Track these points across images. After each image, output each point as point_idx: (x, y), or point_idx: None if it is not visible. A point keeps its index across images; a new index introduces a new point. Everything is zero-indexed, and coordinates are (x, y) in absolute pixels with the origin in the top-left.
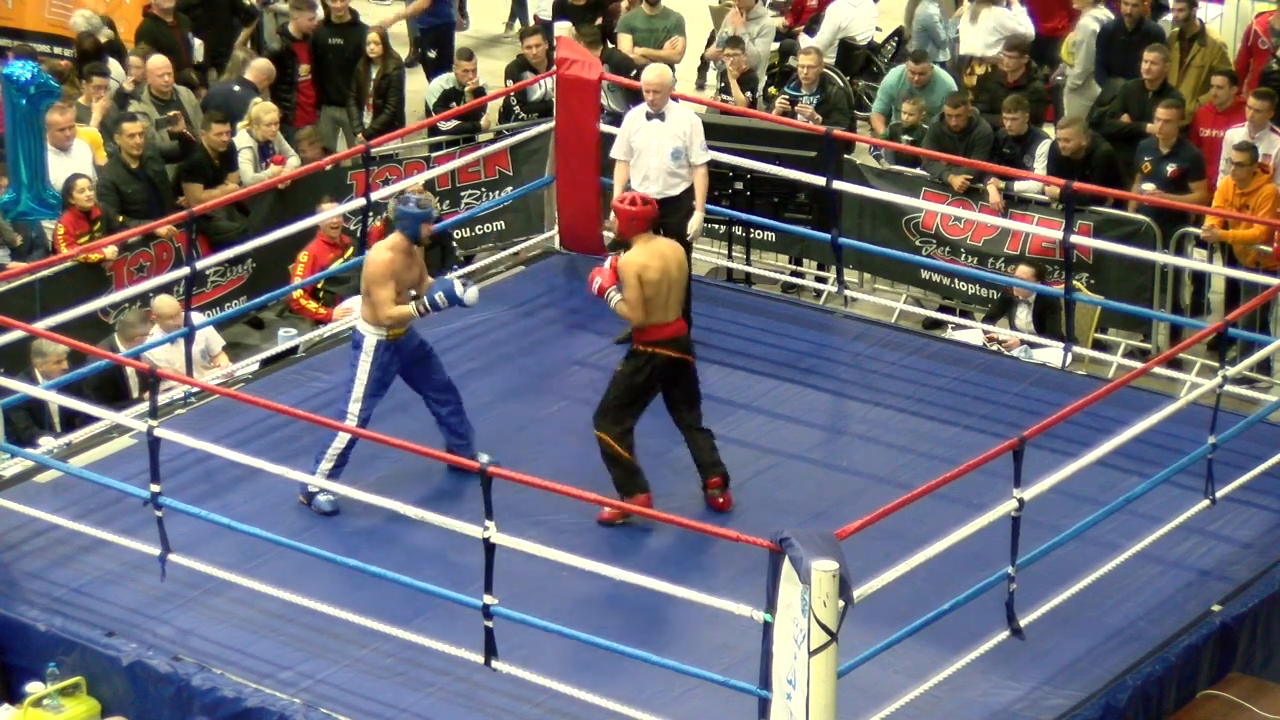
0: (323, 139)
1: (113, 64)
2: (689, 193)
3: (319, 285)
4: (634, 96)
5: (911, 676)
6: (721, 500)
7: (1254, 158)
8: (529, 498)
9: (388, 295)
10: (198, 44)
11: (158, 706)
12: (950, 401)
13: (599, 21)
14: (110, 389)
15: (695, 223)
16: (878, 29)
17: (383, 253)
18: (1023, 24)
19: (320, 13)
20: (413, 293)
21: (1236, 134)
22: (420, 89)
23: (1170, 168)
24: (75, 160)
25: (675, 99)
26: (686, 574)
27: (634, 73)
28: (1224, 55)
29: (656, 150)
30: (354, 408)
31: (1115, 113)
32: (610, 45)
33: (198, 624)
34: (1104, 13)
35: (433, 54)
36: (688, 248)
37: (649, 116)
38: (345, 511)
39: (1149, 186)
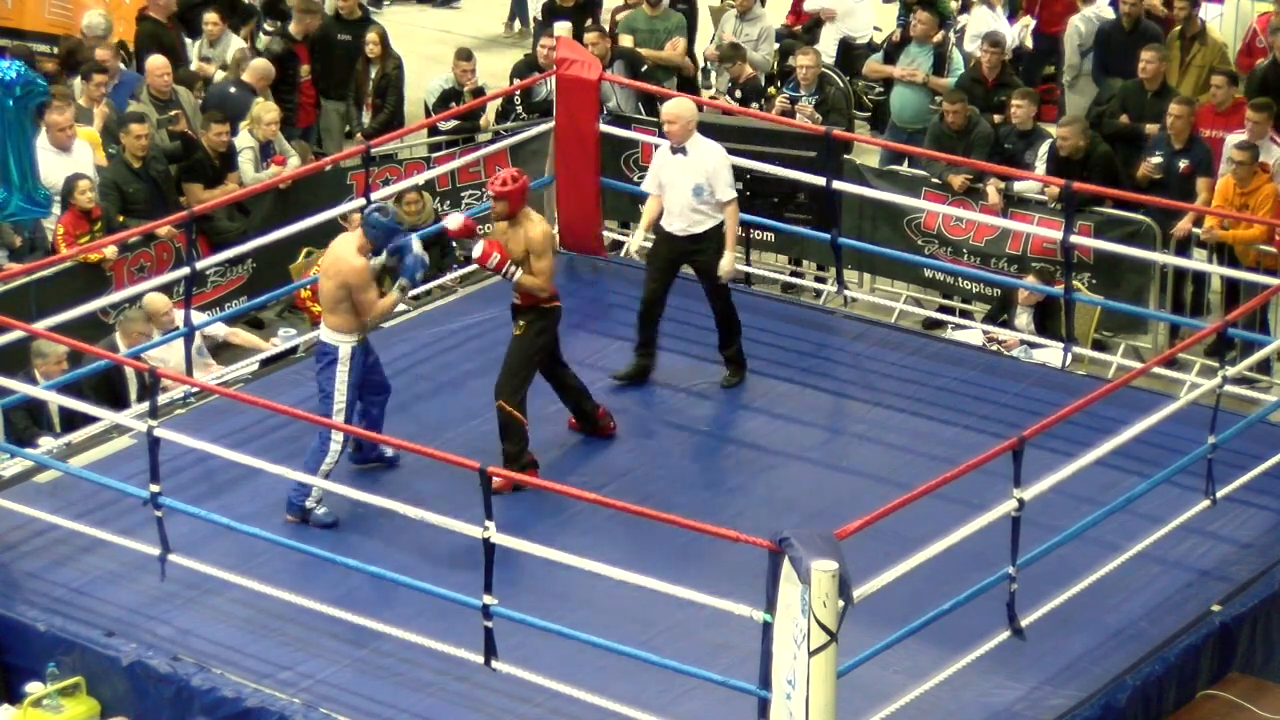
0: (328, 134)
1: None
2: (718, 229)
3: None
4: (640, 96)
5: (911, 676)
6: (612, 424)
7: (1254, 156)
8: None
9: (374, 295)
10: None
11: (158, 706)
12: (950, 401)
13: (588, 22)
14: (106, 390)
15: (726, 263)
16: (876, 28)
17: (358, 258)
18: (1003, 26)
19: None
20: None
21: (1237, 140)
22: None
23: (1183, 163)
24: (75, 160)
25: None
26: (686, 574)
27: (643, 68)
28: (1224, 55)
29: (680, 186)
30: (339, 420)
31: (1114, 113)
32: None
33: (198, 624)
34: (1093, 11)
35: None
36: (723, 289)
37: (673, 150)
38: (345, 511)
39: (1156, 160)
